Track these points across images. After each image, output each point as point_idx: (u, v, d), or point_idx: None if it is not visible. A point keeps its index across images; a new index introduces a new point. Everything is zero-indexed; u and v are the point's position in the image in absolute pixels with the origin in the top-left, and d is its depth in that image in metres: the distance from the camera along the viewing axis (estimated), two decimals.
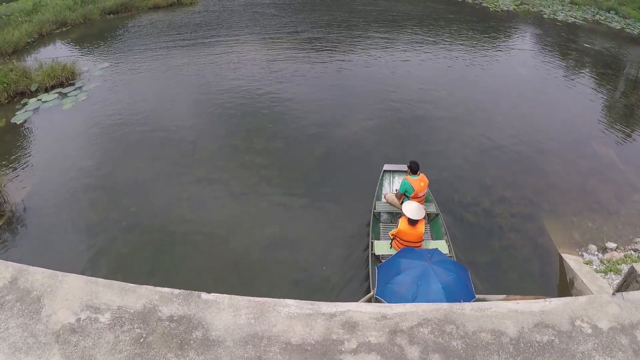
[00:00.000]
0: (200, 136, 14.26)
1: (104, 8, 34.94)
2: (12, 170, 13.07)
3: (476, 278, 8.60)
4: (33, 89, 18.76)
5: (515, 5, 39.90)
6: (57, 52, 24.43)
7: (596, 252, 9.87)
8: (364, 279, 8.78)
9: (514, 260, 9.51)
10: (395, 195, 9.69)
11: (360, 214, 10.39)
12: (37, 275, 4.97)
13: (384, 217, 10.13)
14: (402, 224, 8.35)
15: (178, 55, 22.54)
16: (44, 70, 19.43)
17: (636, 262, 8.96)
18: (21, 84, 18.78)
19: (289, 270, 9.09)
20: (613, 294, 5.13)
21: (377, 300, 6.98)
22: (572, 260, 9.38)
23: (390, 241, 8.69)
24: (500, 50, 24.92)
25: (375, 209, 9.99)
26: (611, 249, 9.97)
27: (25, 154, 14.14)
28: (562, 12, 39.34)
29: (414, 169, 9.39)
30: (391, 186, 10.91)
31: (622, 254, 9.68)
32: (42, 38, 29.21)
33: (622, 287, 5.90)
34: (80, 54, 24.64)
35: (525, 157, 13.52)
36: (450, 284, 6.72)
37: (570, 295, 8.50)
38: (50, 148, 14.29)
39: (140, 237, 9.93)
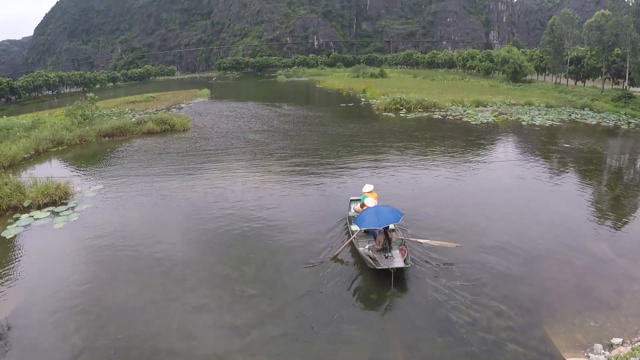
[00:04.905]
0: (190, 264, 14.31)
1: (100, 130, 36.64)
2: None
3: None
4: (26, 204, 19.07)
5: (494, 116, 43.00)
6: (52, 170, 25.06)
7: (602, 351, 9.61)
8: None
9: None
10: (360, 206, 15.54)
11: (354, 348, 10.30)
12: None
13: (353, 219, 15.59)
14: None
15: (169, 181, 23.23)
16: (38, 187, 19.89)
17: None
18: (14, 198, 19.18)
19: None
20: None
21: (365, 232, 14.45)
22: None
23: None
24: (484, 162, 26.18)
25: (348, 215, 16.50)
26: (617, 345, 9.74)
27: (13, 270, 14.02)
28: (539, 117, 42.41)
29: (367, 191, 15.56)
30: (356, 206, 16.36)
31: (629, 348, 9.46)
32: (39, 155, 30.07)
33: None
34: (75, 174, 25.24)
35: (518, 266, 13.51)
36: (391, 209, 13.28)
37: None
38: (39, 266, 14.21)
39: None
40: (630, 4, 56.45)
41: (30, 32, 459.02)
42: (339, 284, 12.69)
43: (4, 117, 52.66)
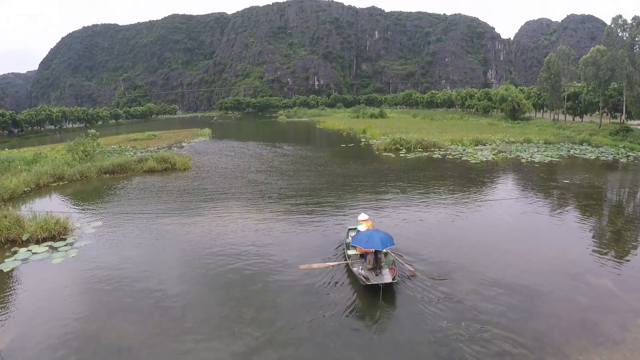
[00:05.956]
0: (189, 303, 14.06)
1: (101, 167, 36.72)
2: None
3: None
4: (24, 238, 18.95)
5: (493, 154, 43.13)
6: (52, 205, 24.98)
7: None
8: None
9: None
10: (355, 233, 16.39)
11: None
12: None
13: (350, 245, 16.75)
14: None
15: (169, 219, 23.07)
16: (37, 222, 19.78)
17: None
18: (13, 231, 19.12)
19: None
20: None
21: (360, 256, 15.88)
22: None
23: (354, 248, 16.05)
24: (484, 201, 26.07)
25: (345, 242, 17.72)
26: None
27: (9, 304, 13.85)
28: (538, 154, 42.62)
29: (362, 219, 17.30)
30: (352, 234, 17.51)
31: None
32: (39, 189, 30.06)
33: None
34: (75, 209, 25.14)
35: (521, 303, 13.28)
36: (382, 236, 14.63)
37: None
38: (36, 301, 14.01)
39: None
40: (625, 38, 57.71)
41: (34, 66, 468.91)
42: (338, 318, 12.79)
43: (6, 149, 52.98)
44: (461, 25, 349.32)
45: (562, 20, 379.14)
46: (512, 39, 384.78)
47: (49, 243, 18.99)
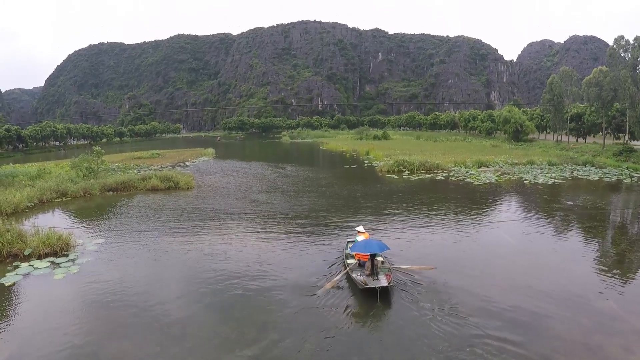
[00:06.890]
0: (189, 322, 13.87)
1: (104, 184, 36.77)
2: None
3: None
4: (26, 253, 18.93)
5: (496, 176, 42.89)
6: (55, 221, 24.97)
7: None
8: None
9: None
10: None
11: None
12: None
13: (349, 255, 18.40)
14: None
15: (171, 238, 22.97)
16: (39, 237, 19.79)
17: None
18: (15, 246, 19.12)
19: None
20: None
21: (359, 265, 17.06)
22: None
23: (353, 257, 17.69)
24: (487, 223, 25.85)
25: (345, 253, 18.91)
26: None
27: (8, 319, 13.74)
28: (542, 176, 42.41)
29: (360, 231, 18.78)
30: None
31: None
32: (42, 204, 30.09)
33: None
34: (77, 226, 25.11)
35: (523, 326, 13.04)
36: (378, 242, 16.39)
37: None
38: (36, 317, 13.89)
39: None
40: (627, 59, 57.92)
41: (41, 82, 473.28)
42: (339, 328, 13.15)
43: (10, 164, 53.24)
44: (464, 47, 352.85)
45: (564, 42, 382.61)
46: (515, 60, 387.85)
47: (51, 258, 18.92)
